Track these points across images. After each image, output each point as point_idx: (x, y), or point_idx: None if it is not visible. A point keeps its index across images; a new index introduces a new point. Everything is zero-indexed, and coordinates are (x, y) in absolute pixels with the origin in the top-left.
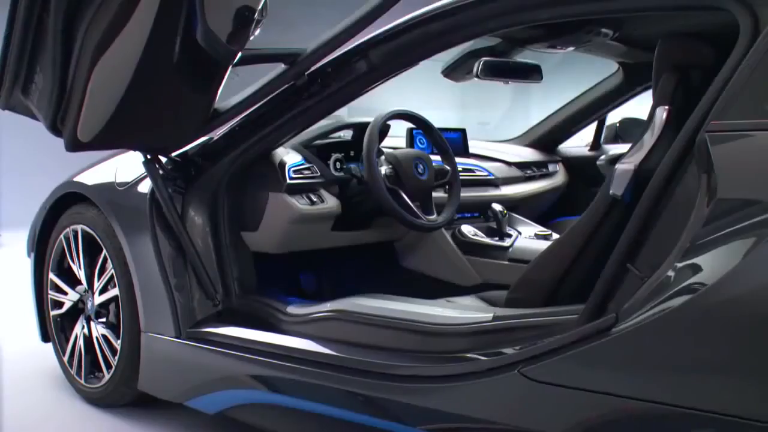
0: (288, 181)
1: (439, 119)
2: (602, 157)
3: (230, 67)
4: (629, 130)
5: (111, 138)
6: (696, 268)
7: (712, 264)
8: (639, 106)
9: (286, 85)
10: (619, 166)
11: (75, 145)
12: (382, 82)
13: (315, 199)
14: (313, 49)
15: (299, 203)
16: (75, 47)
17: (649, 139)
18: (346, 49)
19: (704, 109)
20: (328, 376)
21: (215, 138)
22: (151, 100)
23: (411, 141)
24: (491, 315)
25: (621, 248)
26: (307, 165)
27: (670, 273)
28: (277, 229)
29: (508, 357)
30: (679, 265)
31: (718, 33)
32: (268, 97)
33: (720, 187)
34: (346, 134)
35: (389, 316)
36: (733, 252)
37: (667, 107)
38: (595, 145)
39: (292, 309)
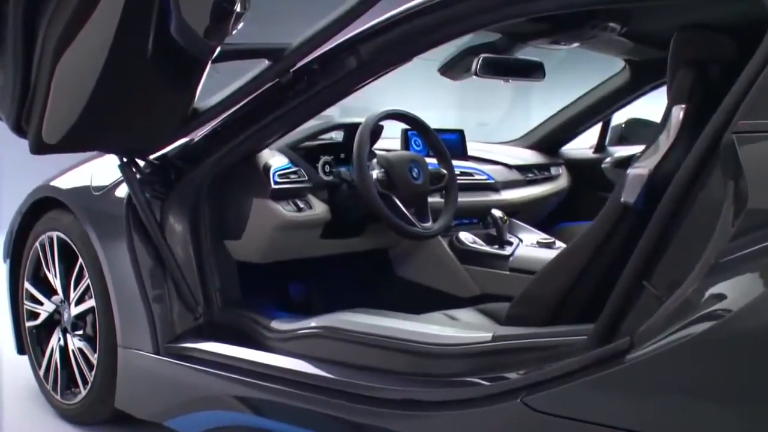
0: (273, 185)
1: (437, 120)
2: (607, 159)
3: (209, 63)
4: (635, 131)
5: (80, 140)
6: (722, 290)
7: (741, 285)
8: (645, 107)
9: (270, 83)
10: (631, 171)
11: (40, 147)
12: (374, 80)
13: (302, 205)
14: (299, 44)
15: (285, 210)
16: (38, 41)
17: (664, 141)
18: (333, 45)
19: (730, 108)
20: (314, 400)
21: (196, 140)
22: (124, 98)
23: (406, 143)
24: (490, 335)
25: (635, 263)
26: (293, 168)
27: (692, 294)
28: (261, 237)
29: (509, 383)
30: (703, 285)
31: (739, 24)
32: (251, 96)
33: (750, 195)
34: (338, 136)
35: (379, 334)
36: (766, 271)
37: (683, 106)
38: (600, 147)
39: (276, 324)
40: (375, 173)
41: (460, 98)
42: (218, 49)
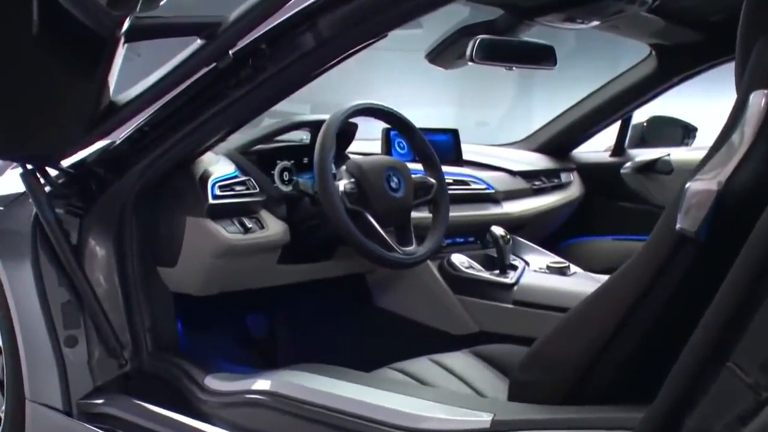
0: (211, 200)
1: (433, 118)
2: (627, 164)
3: (120, 42)
4: (659, 131)
5: None
6: None
7: None
8: (666, 105)
9: (206, 69)
10: (692, 186)
11: None
12: (338, 63)
13: (250, 225)
14: (238, 17)
15: (226, 231)
16: None
17: (739, 143)
18: (284, 17)
19: None
20: None
21: (118, 142)
22: (8, 90)
23: (388, 145)
24: (490, 417)
25: (708, 327)
26: (241, 178)
27: None
28: (199, 265)
29: None
30: None
31: None
32: (183, 86)
33: None
34: (307, 137)
35: (340, 409)
36: None
37: (766, 91)
38: (618, 149)
39: (212, 382)
40: (342, 184)
41: (459, 94)
42: (127, 23)
